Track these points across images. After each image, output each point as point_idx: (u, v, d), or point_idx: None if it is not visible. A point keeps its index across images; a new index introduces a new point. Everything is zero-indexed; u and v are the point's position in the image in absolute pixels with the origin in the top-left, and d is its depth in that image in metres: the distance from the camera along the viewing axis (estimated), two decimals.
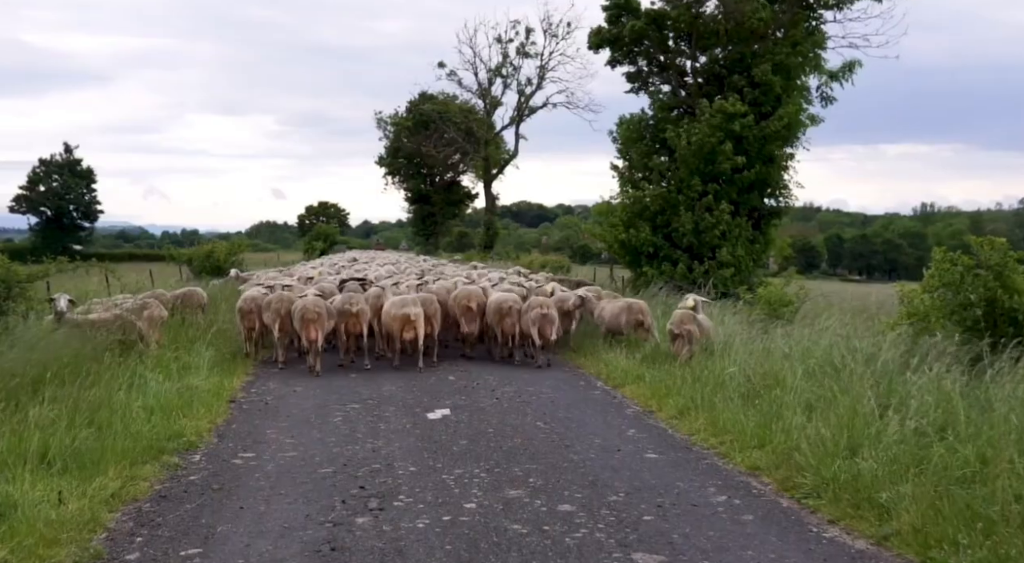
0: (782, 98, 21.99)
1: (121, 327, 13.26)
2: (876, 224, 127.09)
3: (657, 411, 10.70)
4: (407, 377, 13.18)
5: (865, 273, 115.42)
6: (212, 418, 10.03)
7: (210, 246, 33.11)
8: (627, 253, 22.61)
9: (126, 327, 13.24)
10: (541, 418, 10.26)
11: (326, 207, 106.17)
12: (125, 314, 13.45)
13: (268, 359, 15.02)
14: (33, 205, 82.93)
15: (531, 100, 54.83)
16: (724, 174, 21.37)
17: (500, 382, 12.77)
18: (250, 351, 14.92)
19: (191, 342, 14.03)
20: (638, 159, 22.64)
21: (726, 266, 21.24)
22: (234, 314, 17.23)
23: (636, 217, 22.15)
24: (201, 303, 17.82)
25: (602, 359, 14.17)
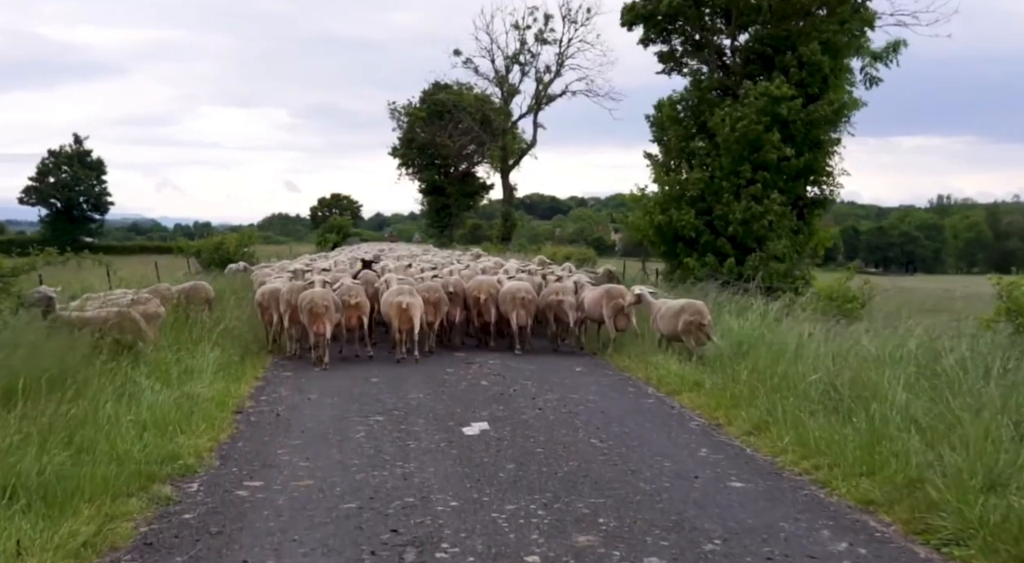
0: (829, 80, 20.49)
1: (118, 326, 11.98)
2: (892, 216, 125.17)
3: (726, 425, 9.28)
4: (434, 382, 11.80)
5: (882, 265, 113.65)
6: (215, 434, 8.66)
7: (219, 238, 31.79)
8: (663, 241, 21.14)
9: (124, 326, 11.94)
10: (595, 433, 8.85)
11: (339, 199, 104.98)
12: (125, 310, 12.13)
13: (280, 360, 13.68)
14: (43, 197, 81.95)
15: (549, 88, 53.33)
16: (771, 162, 19.88)
17: (540, 388, 11.36)
18: (273, 345, 14.66)
19: (195, 343, 12.67)
20: (676, 142, 21.14)
21: (777, 260, 19.74)
22: (242, 310, 16.12)
23: (675, 201, 20.67)
24: (208, 297, 16.50)
25: (649, 362, 12.76)
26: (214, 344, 12.93)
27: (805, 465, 7.59)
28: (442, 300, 14.57)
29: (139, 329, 11.67)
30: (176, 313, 14.40)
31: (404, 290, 13.74)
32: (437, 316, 14.61)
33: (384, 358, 13.90)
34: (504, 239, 51.12)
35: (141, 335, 11.70)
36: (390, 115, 73.49)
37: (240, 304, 16.93)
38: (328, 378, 12.13)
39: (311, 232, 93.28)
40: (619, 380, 12.17)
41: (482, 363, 13.46)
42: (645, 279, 22.69)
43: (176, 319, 13.91)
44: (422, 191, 77.08)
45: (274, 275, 17.77)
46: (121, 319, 11.75)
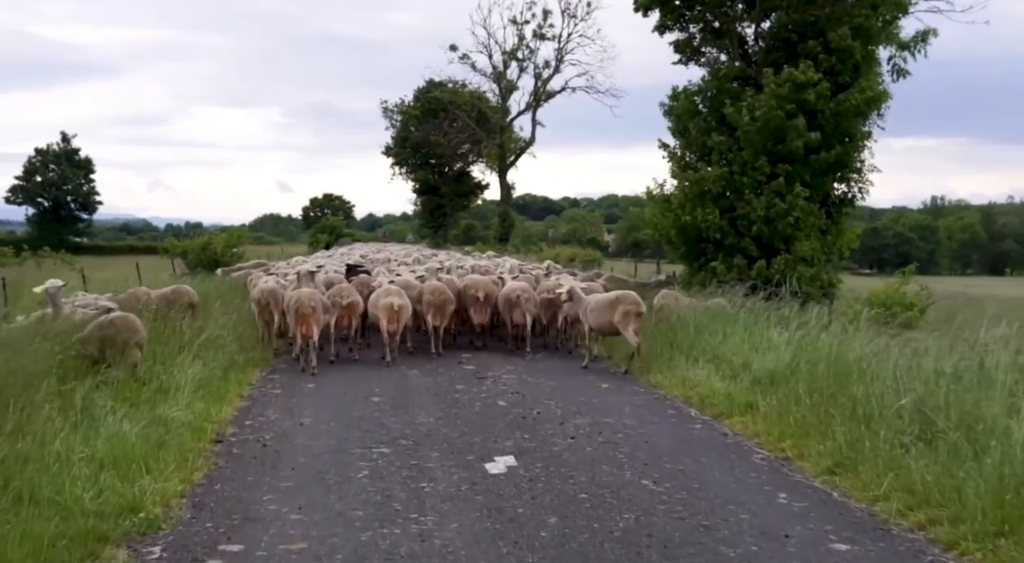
0: (860, 67, 19.04)
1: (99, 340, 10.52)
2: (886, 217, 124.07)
3: (797, 459, 7.83)
4: (444, 402, 10.32)
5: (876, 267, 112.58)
6: (188, 473, 7.16)
7: (206, 238, 30.23)
8: (685, 242, 19.65)
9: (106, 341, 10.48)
10: (644, 472, 7.39)
11: (331, 199, 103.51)
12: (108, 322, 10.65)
13: (269, 375, 12.20)
14: (30, 196, 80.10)
15: (548, 84, 51.83)
16: (796, 154, 18.42)
17: (566, 410, 9.89)
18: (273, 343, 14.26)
19: (173, 355, 11.18)
20: (697, 136, 19.64)
21: (806, 262, 18.29)
22: (228, 317, 14.68)
23: (698, 199, 19.20)
24: (191, 302, 15.02)
25: (684, 377, 11.33)
26: (195, 356, 11.47)
27: (917, 518, 6.14)
28: (448, 301, 14.00)
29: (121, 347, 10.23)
30: (155, 321, 12.92)
31: (393, 291, 13.48)
32: (443, 318, 14.09)
33: (384, 373, 12.43)
34: (502, 240, 49.62)
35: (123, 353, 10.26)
36: (383, 114, 71.96)
37: (227, 310, 15.45)
38: (322, 397, 10.65)
39: (303, 233, 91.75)
40: (654, 400, 10.71)
41: (495, 378, 11.99)
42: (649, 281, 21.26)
43: (153, 328, 12.40)
44: (416, 191, 75.51)
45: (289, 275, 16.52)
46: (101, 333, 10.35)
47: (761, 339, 12.34)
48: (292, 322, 12.62)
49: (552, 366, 13.18)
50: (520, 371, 12.59)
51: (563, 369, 12.95)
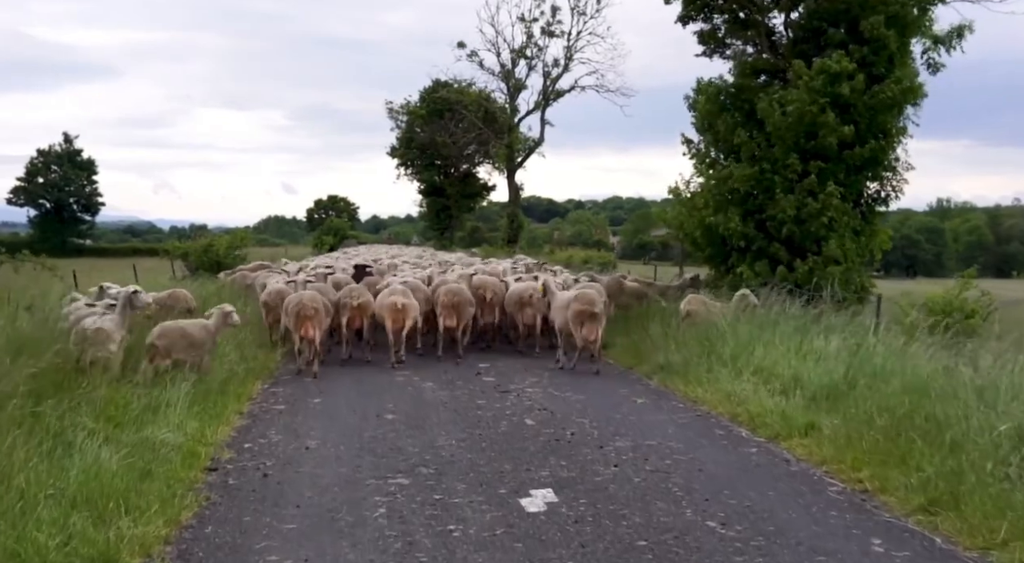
0: (895, 58, 17.97)
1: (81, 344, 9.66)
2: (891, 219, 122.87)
3: (879, 493, 6.77)
4: (466, 420, 9.27)
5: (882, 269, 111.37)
6: (175, 512, 6.12)
7: (208, 239, 29.16)
8: (710, 243, 18.58)
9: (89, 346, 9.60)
10: (706, 509, 6.34)
11: (335, 201, 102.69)
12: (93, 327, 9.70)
13: (272, 387, 11.17)
14: (32, 197, 79.23)
15: (557, 83, 50.68)
16: (829, 150, 17.36)
17: (603, 430, 8.85)
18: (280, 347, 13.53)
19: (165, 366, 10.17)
20: (724, 132, 18.55)
21: (835, 263, 17.23)
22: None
23: (723, 200, 18.15)
24: (188, 307, 14.10)
25: (728, 392, 10.27)
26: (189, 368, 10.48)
27: None
28: (465, 302, 13.61)
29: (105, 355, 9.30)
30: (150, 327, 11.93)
31: (398, 290, 13.19)
32: (461, 320, 13.66)
33: (397, 385, 11.41)
34: (510, 241, 48.52)
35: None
36: (388, 114, 70.92)
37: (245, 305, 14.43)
38: (330, 414, 9.61)
39: (308, 234, 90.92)
40: (697, 418, 9.65)
41: (519, 392, 10.95)
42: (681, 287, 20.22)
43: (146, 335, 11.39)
44: (421, 192, 74.44)
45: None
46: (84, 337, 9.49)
47: (808, 349, 11.32)
48: (292, 325, 12.13)
49: (578, 378, 12.14)
50: (544, 383, 11.55)
51: (590, 381, 11.91)
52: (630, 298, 16.86)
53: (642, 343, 13.81)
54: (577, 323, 12.25)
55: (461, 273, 16.34)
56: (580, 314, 12.22)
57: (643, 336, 14.14)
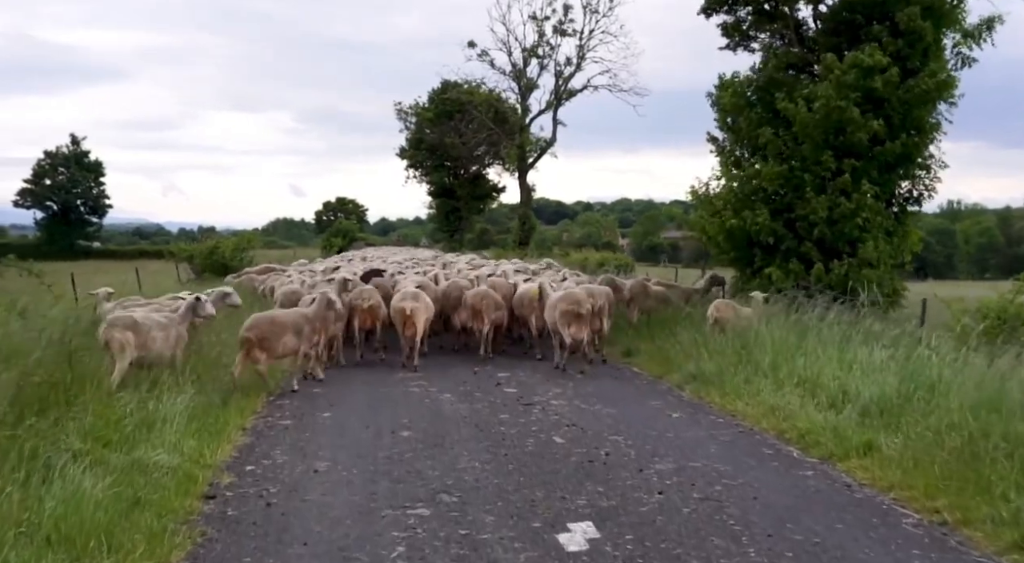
0: (929, 51, 17.15)
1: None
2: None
3: (962, 526, 5.98)
4: (489, 438, 8.50)
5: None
6: (164, 552, 5.37)
7: (214, 242, 28.46)
8: (735, 246, 17.78)
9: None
10: (771, 548, 5.56)
11: (344, 203, 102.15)
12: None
13: (278, 400, 10.43)
14: (38, 199, 78.67)
15: (570, 82, 49.90)
16: (860, 147, 16.55)
17: (640, 449, 8.07)
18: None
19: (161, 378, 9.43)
20: (748, 130, 17.76)
21: (871, 266, 16.44)
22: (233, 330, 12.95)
23: (748, 199, 17.35)
24: None
25: (772, 405, 9.48)
26: (191, 378, 9.77)
27: None
28: (490, 306, 13.53)
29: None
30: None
31: (408, 294, 12.92)
32: (485, 322, 13.51)
33: (412, 397, 10.65)
34: (522, 243, 47.72)
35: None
36: (397, 116, 70.25)
37: (231, 322, 13.70)
38: (340, 430, 8.85)
39: (316, 237, 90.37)
40: (741, 434, 8.85)
41: (543, 404, 10.17)
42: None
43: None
44: (431, 194, 73.76)
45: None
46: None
47: (852, 358, 10.54)
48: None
49: (604, 388, 11.37)
50: (570, 395, 10.78)
51: (618, 392, 11.14)
52: (655, 302, 16.09)
53: (670, 350, 13.03)
54: (564, 323, 12.28)
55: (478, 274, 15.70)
56: (566, 314, 12.26)
57: (671, 343, 13.37)
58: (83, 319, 11.21)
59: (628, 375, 12.56)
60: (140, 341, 9.59)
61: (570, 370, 12.47)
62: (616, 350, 14.63)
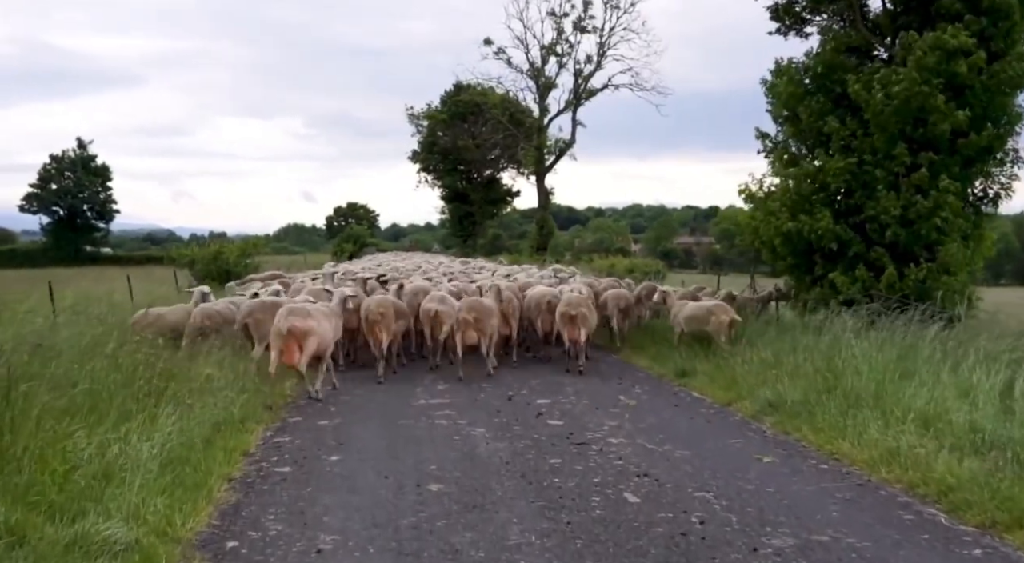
0: (1014, 32, 15.22)
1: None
2: None
3: None
4: (541, 496, 6.64)
5: None
6: None
7: (218, 246, 26.62)
8: (791, 252, 15.86)
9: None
10: None
11: (355, 208, 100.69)
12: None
13: (275, 434, 8.60)
14: (44, 204, 77.29)
15: (590, 81, 48.04)
16: (940, 140, 14.65)
17: (742, 514, 6.18)
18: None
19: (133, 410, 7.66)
20: (809, 121, 15.82)
21: (951, 272, 14.55)
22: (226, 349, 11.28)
23: (807, 200, 15.46)
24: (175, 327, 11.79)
25: (888, 448, 7.57)
26: (171, 405, 8.01)
27: None
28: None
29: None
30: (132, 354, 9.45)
31: (435, 297, 12.59)
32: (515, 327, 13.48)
33: (439, 431, 8.80)
34: (540, 249, 45.87)
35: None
36: (408, 119, 68.59)
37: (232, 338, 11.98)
38: (352, 482, 7.00)
39: (327, 242, 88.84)
40: (860, 488, 6.93)
41: (600, 443, 8.31)
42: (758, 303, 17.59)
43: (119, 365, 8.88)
44: (443, 198, 72.04)
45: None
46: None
47: (973, 385, 8.68)
48: (366, 330, 12.18)
49: (666, 420, 9.52)
50: (628, 429, 8.92)
51: (684, 425, 9.27)
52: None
53: (735, 370, 11.18)
54: (562, 324, 12.72)
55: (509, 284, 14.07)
56: (563, 316, 12.67)
57: (733, 361, 11.53)
58: (33, 336, 9.36)
59: (688, 402, 10.69)
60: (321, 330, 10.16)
61: (660, 404, 10.63)
62: (668, 369, 12.79)
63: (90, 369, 8.30)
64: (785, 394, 9.64)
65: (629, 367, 13.63)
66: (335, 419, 9.35)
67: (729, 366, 11.58)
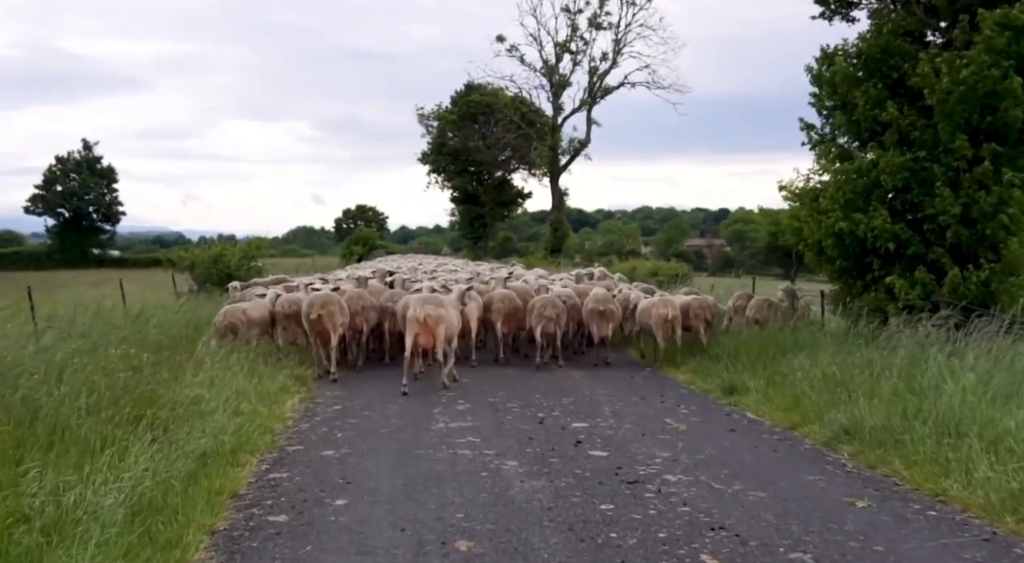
0: None
1: None
2: None
3: None
4: (600, 556, 5.33)
5: None
6: None
7: (219, 248, 25.30)
8: (842, 254, 14.46)
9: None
10: None
11: (364, 210, 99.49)
12: None
13: (271, 467, 7.32)
14: (49, 206, 76.32)
15: (605, 79, 46.69)
16: (1009, 129, 13.29)
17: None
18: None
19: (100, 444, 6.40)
20: (864, 109, 14.41)
21: (1016, 273, 13.23)
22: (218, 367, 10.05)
23: (862, 197, 14.09)
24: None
25: (1010, 489, 6.24)
26: (149, 434, 6.79)
27: None
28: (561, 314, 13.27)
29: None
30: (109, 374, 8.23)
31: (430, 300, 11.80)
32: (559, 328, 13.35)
33: (462, 465, 7.49)
34: (554, 251, 44.57)
35: None
36: (418, 120, 67.40)
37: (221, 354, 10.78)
38: (362, 538, 5.68)
39: (336, 245, 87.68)
40: (988, 546, 5.58)
41: (655, 481, 6.99)
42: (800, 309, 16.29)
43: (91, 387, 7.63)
44: (454, 200, 70.81)
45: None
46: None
47: None
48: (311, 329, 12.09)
49: (727, 449, 8.20)
50: (686, 462, 7.60)
51: (750, 457, 7.95)
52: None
53: (795, 389, 9.86)
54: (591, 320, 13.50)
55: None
56: (592, 312, 13.47)
57: (793, 377, 10.22)
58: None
59: (746, 426, 9.36)
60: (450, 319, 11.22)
61: (718, 432, 9.32)
62: (712, 385, 11.49)
63: (57, 395, 7.07)
64: (862, 418, 8.31)
65: (668, 382, 12.33)
66: (341, 448, 8.05)
67: (787, 383, 10.27)
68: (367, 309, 12.96)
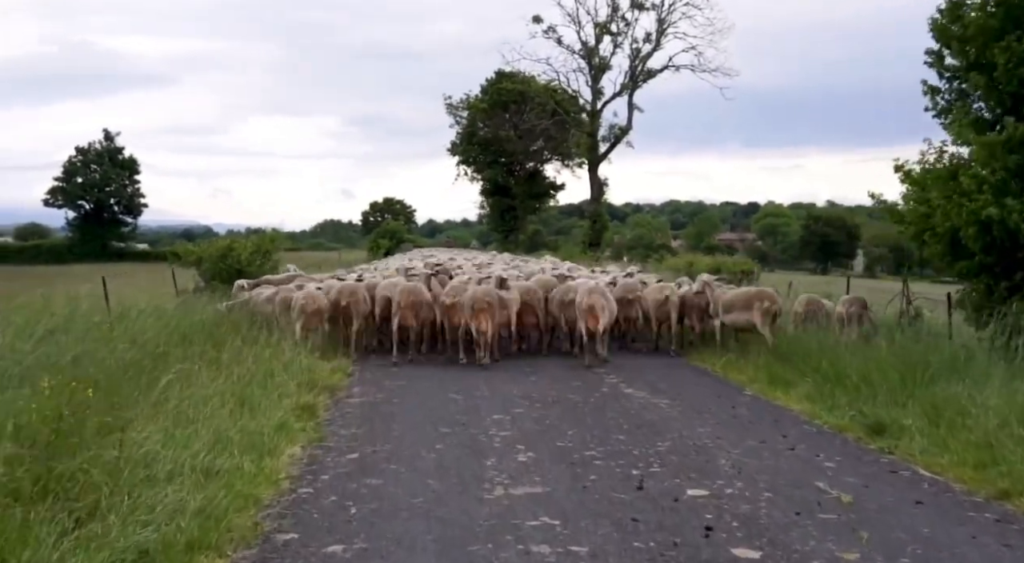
0: None
1: None
2: None
3: None
4: None
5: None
6: None
7: (227, 242, 22.64)
8: (984, 247, 11.55)
9: None
10: None
11: (391, 203, 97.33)
12: None
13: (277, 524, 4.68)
14: (70, 198, 74.46)
15: (648, 62, 43.78)
16: None
17: None
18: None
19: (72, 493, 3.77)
20: (1008, 68, 11.54)
21: None
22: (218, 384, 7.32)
23: (1013, 176, 11.23)
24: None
25: None
26: (52, 524, 4.16)
27: None
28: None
29: None
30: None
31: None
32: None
33: (492, 532, 4.80)
34: (593, 245, 41.76)
35: None
36: (447, 110, 64.80)
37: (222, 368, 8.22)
38: None
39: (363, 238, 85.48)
40: None
41: (724, 510, 4.27)
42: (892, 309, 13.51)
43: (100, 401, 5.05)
44: (483, 192, 68.15)
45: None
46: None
47: None
48: (468, 317, 12.29)
49: (926, 535, 5.45)
50: (787, 517, 4.86)
51: (964, 548, 5.18)
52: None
53: (977, 433, 7.09)
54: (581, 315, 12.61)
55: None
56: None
57: (966, 415, 7.46)
58: None
59: (935, 495, 6.57)
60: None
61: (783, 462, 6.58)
62: (843, 418, 8.73)
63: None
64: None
65: (783, 414, 9.52)
66: (354, 540, 5.37)
67: (963, 423, 7.50)
68: (421, 305, 12.74)
